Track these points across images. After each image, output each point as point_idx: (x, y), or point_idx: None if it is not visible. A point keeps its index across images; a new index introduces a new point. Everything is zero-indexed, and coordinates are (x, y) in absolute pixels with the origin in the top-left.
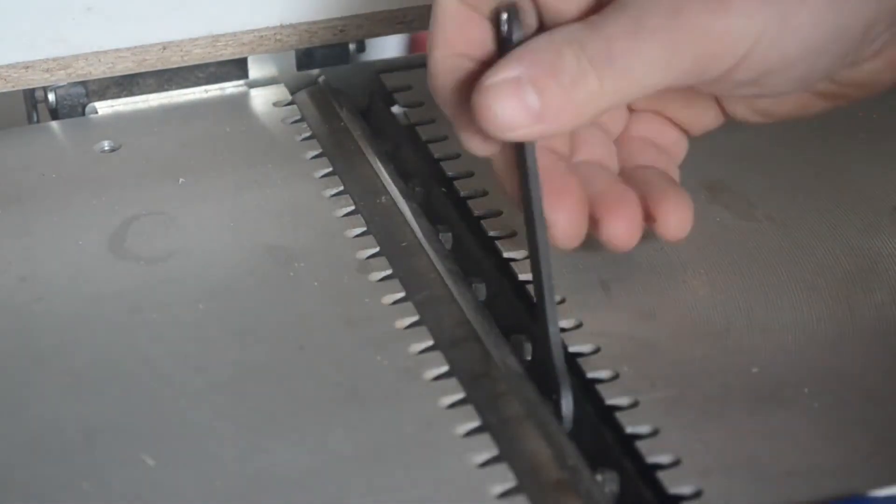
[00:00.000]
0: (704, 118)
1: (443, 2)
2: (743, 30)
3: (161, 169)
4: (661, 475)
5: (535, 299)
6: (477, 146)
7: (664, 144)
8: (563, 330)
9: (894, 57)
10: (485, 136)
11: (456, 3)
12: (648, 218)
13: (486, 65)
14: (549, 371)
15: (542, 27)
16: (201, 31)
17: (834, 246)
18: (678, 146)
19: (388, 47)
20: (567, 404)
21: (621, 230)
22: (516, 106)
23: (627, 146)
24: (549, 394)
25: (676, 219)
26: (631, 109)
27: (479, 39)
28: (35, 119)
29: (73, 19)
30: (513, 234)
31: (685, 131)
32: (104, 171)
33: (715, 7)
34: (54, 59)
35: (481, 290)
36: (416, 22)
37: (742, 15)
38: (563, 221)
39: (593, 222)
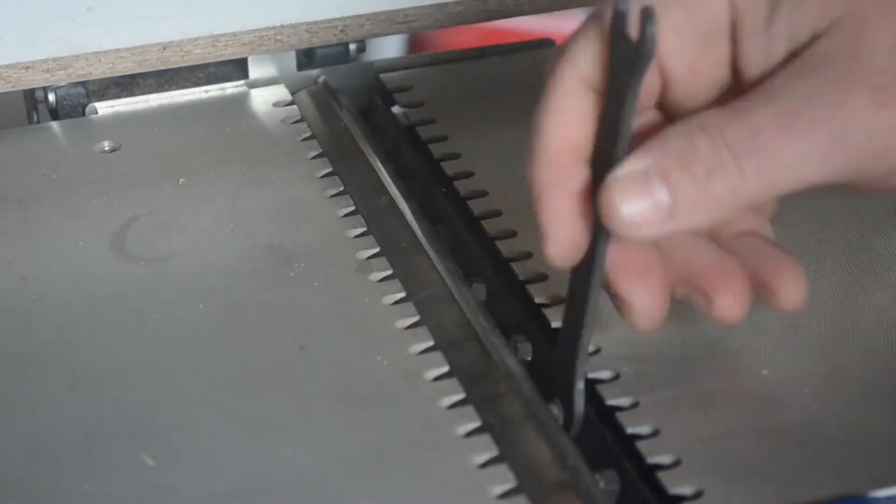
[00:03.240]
0: None
1: (560, 78)
2: None
3: (161, 169)
4: (662, 475)
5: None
6: (561, 256)
7: None
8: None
9: None
10: (573, 245)
11: (576, 82)
12: (764, 289)
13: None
14: (566, 382)
15: (668, 115)
16: (201, 31)
17: (834, 246)
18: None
19: (389, 47)
20: (579, 412)
21: (731, 305)
22: (644, 203)
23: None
24: (553, 396)
25: (796, 290)
26: None
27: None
28: (35, 119)
29: (73, 19)
30: (513, 235)
31: None
32: (104, 171)
33: (882, 101)
34: (54, 59)
35: (481, 290)
36: (416, 22)
37: None
38: (644, 303)
39: (703, 298)
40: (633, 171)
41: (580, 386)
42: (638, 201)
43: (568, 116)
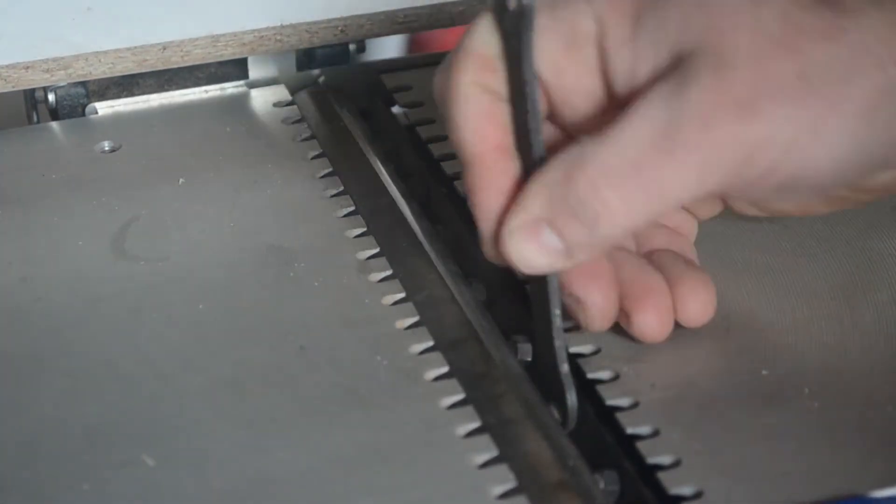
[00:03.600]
0: (707, 206)
1: (458, 90)
2: (775, 138)
3: (161, 169)
4: (662, 476)
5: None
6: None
7: (674, 225)
8: (564, 330)
9: None
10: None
11: (475, 90)
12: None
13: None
14: (552, 373)
15: (554, 116)
16: (201, 31)
17: (834, 246)
18: (688, 225)
19: (389, 47)
20: (572, 401)
21: (652, 323)
22: (538, 248)
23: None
24: (550, 396)
25: (697, 303)
26: None
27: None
28: (35, 119)
29: (73, 19)
30: None
31: (692, 213)
32: (104, 171)
33: (747, 115)
34: (54, 59)
35: (480, 290)
36: (416, 22)
37: (774, 122)
38: (599, 301)
39: (623, 315)
40: (524, 222)
41: (565, 369)
42: (533, 248)
43: (477, 119)
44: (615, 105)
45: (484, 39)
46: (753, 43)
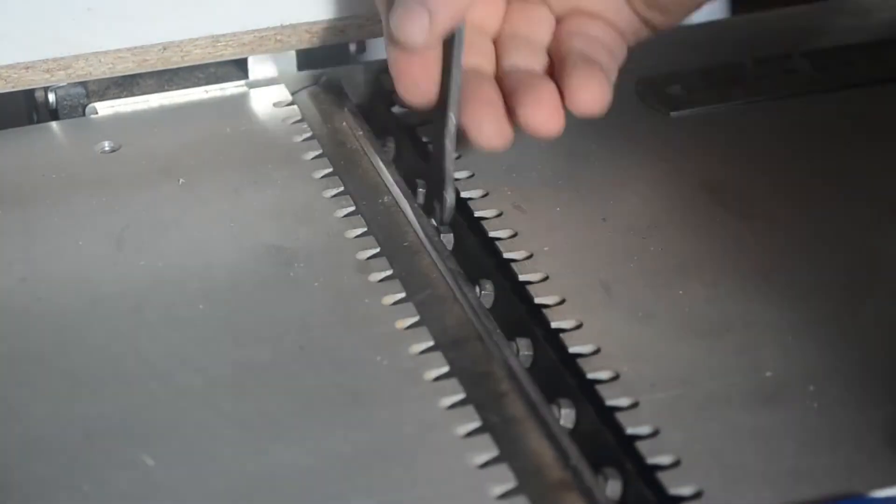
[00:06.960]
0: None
1: None
2: None
3: (161, 169)
4: (662, 476)
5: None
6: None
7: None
8: (562, 331)
9: None
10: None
11: None
12: (562, 95)
13: None
14: (439, 173)
15: None
16: (201, 31)
17: (834, 246)
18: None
19: None
20: (450, 198)
21: (534, 116)
22: (410, 22)
23: (558, 41)
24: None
25: (585, 92)
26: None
27: None
28: (35, 119)
29: (73, 19)
30: (514, 235)
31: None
32: (104, 171)
33: None
34: (54, 60)
35: (489, 294)
36: None
37: None
38: (485, 126)
39: (511, 114)
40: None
41: (450, 169)
42: (406, 23)
43: None
44: None
45: None
46: None
